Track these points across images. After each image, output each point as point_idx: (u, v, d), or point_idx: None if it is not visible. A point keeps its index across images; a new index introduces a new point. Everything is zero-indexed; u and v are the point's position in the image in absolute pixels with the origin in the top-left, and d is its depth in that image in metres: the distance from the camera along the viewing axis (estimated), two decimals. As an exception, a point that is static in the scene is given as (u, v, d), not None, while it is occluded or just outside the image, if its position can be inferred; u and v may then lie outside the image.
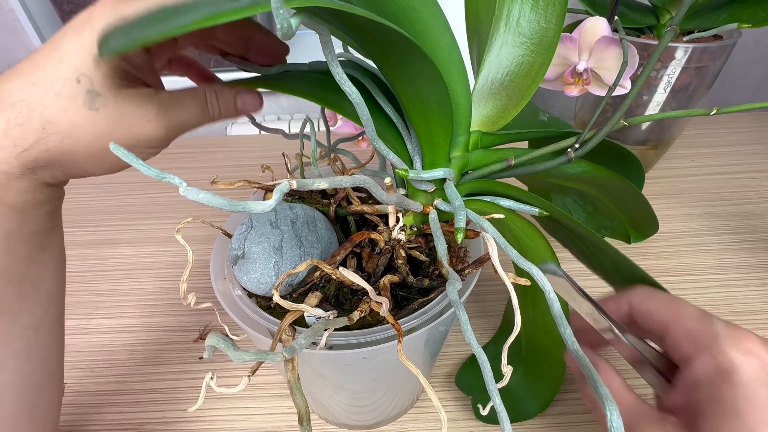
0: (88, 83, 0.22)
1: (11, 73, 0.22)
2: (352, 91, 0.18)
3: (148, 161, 0.15)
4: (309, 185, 0.16)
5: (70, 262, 0.40)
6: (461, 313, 0.18)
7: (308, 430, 0.17)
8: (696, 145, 0.68)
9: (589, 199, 0.31)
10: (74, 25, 0.22)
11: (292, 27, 0.13)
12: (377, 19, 0.15)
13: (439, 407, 0.17)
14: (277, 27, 0.12)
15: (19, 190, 0.23)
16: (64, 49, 0.21)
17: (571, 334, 0.17)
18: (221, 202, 0.13)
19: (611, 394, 0.20)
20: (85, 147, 0.23)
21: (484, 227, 0.21)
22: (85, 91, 0.22)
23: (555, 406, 0.35)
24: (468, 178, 0.26)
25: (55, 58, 0.21)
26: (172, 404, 0.37)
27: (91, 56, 0.21)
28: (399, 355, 0.19)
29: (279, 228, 0.26)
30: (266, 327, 0.24)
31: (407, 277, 0.25)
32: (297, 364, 0.19)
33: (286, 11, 0.12)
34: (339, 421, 0.34)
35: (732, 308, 0.43)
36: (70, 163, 0.23)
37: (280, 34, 0.13)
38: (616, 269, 0.24)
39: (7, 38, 0.76)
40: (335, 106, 0.24)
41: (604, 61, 0.25)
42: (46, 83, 0.21)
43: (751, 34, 0.78)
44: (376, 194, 0.20)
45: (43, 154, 0.22)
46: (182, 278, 0.23)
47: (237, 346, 0.16)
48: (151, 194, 0.63)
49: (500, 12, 0.22)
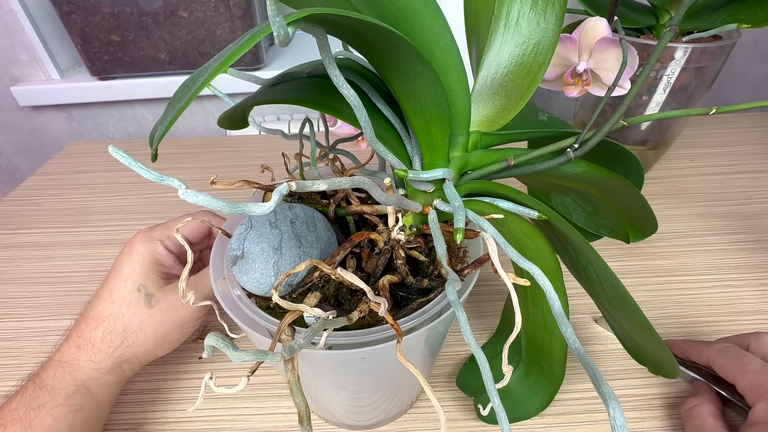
0: (144, 290, 0.32)
1: (96, 299, 0.32)
2: (350, 94, 0.18)
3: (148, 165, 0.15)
4: (309, 186, 0.16)
5: (70, 261, 0.41)
6: (460, 313, 0.18)
7: (308, 430, 0.17)
8: (696, 145, 0.68)
9: (589, 199, 0.31)
10: (125, 252, 0.33)
11: (289, 35, 0.13)
12: (372, 21, 0.15)
13: (437, 407, 0.17)
14: (275, 35, 0.13)
15: (107, 383, 0.31)
16: (125, 272, 0.32)
17: (572, 332, 0.17)
18: (220, 205, 0.13)
19: (703, 415, 0.31)
20: (152, 337, 0.32)
21: (484, 227, 0.21)
22: (144, 296, 0.32)
23: (555, 405, 0.35)
24: (467, 178, 0.26)
25: (121, 280, 0.32)
26: (171, 404, 0.37)
27: (143, 271, 0.32)
28: (398, 355, 0.19)
29: (278, 228, 0.26)
30: (265, 327, 0.24)
31: (407, 277, 0.25)
32: (297, 364, 0.19)
33: (282, 19, 0.12)
34: (338, 421, 0.34)
35: (731, 308, 0.43)
36: (144, 353, 0.32)
37: (278, 42, 0.13)
38: (600, 282, 0.24)
39: (7, 38, 0.76)
40: (334, 110, 0.24)
41: (604, 61, 0.25)
42: (120, 299, 0.32)
43: (750, 34, 0.78)
44: (375, 195, 0.20)
45: (126, 351, 0.31)
46: (182, 277, 0.23)
47: (236, 346, 0.16)
48: (151, 194, 0.63)
49: (499, 12, 0.22)
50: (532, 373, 0.30)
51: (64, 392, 0.29)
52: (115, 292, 0.32)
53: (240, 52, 0.13)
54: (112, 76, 0.77)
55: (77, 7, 0.67)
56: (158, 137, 0.15)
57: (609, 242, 0.35)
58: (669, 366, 0.25)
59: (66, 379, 0.30)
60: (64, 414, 0.28)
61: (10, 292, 0.48)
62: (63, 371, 0.30)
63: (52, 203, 0.62)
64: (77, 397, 0.29)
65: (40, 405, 0.28)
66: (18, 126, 0.87)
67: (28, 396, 0.29)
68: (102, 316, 0.32)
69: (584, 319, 0.42)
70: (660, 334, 0.24)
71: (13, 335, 0.43)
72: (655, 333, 0.23)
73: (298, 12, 0.13)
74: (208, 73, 0.14)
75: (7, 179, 0.95)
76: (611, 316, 0.27)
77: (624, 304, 0.23)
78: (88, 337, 0.31)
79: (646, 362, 0.28)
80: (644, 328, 0.23)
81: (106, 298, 0.32)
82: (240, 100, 0.27)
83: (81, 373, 0.30)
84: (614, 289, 0.23)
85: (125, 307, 0.31)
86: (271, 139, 0.75)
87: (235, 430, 0.35)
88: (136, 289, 0.32)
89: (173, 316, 0.32)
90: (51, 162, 0.72)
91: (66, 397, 0.29)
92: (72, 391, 0.29)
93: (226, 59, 0.13)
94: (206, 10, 0.69)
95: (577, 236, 0.22)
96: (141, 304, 0.31)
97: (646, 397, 0.36)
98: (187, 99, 0.14)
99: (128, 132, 0.88)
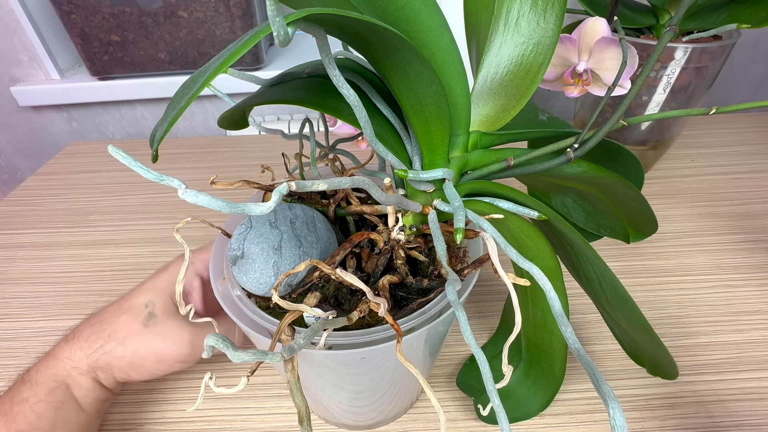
0: (151, 307, 0.31)
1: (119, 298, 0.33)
2: (350, 94, 0.18)
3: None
4: (308, 187, 0.16)
5: (70, 261, 0.40)
6: (460, 313, 0.18)
7: (308, 430, 0.17)
8: (696, 146, 0.68)
9: (589, 199, 0.31)
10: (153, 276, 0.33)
11: (288, 35, 0.13)
12: (372, 21, 0.15)
13: (437, 407, 0.17)
14: (274, 35, 0.13)
15: (84, 386, 0.30)
16: (150, 284, 0.33)
17: (572, 332, 0.17)
18: (220, 205, 0.13)
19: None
20: (129, 355, 0.30)
21: (484, 227, 0.21)
22: (147, 313, 0.31)
23: (555, 405, 0.35)
24: (467, 178, 0.26)
25: (144, 290, 0.32)
26: (171, 404, 0.37)
27: (162, 289, 0.32)
28: (398, 355, 0.19)
29: (278, 228, 0.26)
30: (265, 327, 0.24)
31: (406, 277, 0.25)
32: (297, 364, 0.19)
33: (282, 19, 0.12)
34: (339, 421, 0.34)
35: (731, 308, 0.43)
36: (118, 368, 0.30)
37: (278, 42, 0.13)
38: (599, 282, 0.24)
39: (7, 38, 0.76)
40: (334, 110, 0.24)
41: (604, 61, 0.25)
42: (127, 307, 0.31)
43: (750, 34, 0.78)
44: (375, 195, 0.20)
45: (102, 357, 0.30)
46: (178, 278, 0.23)
47: (236, 346, 0.16)
48: (151, 194, 0.63)
49: (499, 12, 0.22)
50: (532, 373, 0.30)
51: (46, 387, 0.28)
52: (130, 300, 0.32)
53: (240, 52, 0.13)
54: (112, 76, 0.77)
55: (77, 7, 0.67)
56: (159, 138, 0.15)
57: (609, 242, 0.35)
58: (668, 367, 0.25)
59: (47, 373, 0.29)
60: (46, 410, 0.28)
61: (10, 292, 0.48)
62: (46, 365, 0.30)
63: (52, 203, 0.62)
64: (58, 393, 0.29)
65: (23, 399, 0.28)
66: (18, 126, 0.87)
67: (14, 390, 0.29)
68: (104, 316, 0.32)
69: (584, 319, 0.42)
70: (659, 334, 0.24)
71: (13, 335, 0.43)
72: (654, 333, 0.23)
73: (297, 12, 0.13)
74: (207, 74, 0.14)
75: (7, 179, 0.95)
76: (610, 316, 0.27)
77: (623, 304, 0.23)
78: (79, 332, 0.31)
79: (644, 363, 0.28)
80: (643, 328, 0.23)
81: (121, 301, 0.32)
82: (240, 101, 0.27)
83: (61, 368, 0.29)
84: (614, 289, 0.23)
85: (125, 315, 0.31)
86: (271, 139, 0.75)
87: (235, 430, 0.35)
88: (144, 304, 0.31)
89: (156, 346, 0.30)
90: (51, 162, 0.72)
91: (47, 393, 0.28)
92: (53, 387, 0.29)
93: (225, 60, 0.13)
94: (206, 10, 0.69)
95: (577, 236, 0.22)
96: (138, 319, 0.31)
97: (646, 397, 0.36)
98: (187, 99, 0.14)
99: (128, 132, 0.88)
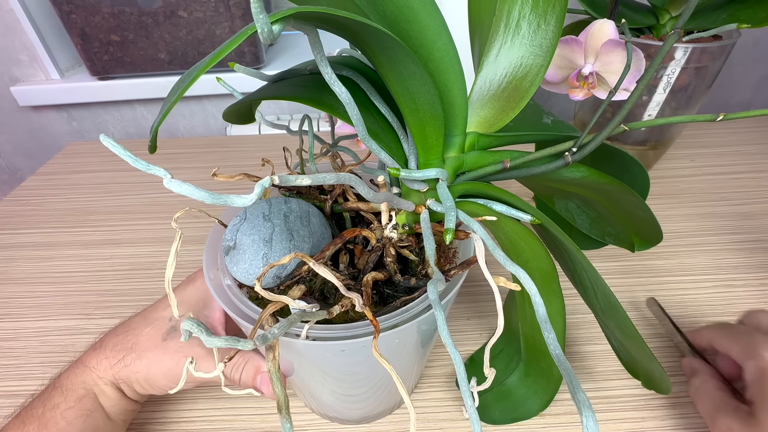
0: (174, 322, 0.30)
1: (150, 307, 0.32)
2: (342, 91, 0.18)
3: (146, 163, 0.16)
4: (292, 181, 0.16)
5: (70, 262, 0.40)
6: (438, 312, 0.18)
7: (287, 418, 0.17)
8: (696, 145, 0.68)
9: (593, 205, 0.31)
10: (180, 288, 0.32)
11: (273, 32, 0.13)
12: (361, 20, 0.15)
13: (408, 405, 0.17)
14: (258, 32, 0.13)
15: (110, 396, 0.30)
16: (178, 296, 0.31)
17: (554, 338, 0.17)
18: (203, 195, 0.13)
19: (708, 389, 0.32)
20: (144, 369, 0.29)
21: (474, 228, 0.21)
22: (170, 326, 0.30)
23: (555, 405, 0.35)
24: (463, 179, 0.25)
25: (169, 307, 0.31)
26: (171, 404, 0.37)
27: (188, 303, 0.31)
28: (373, 350, 0.19)
29: (271, 221, 0.26)
30: (252, 317, 0.24)
31: (395, 275, 0.25)
32: (278, 354, 0.19)
33: (266, 17, 0.12)
34: (328, 414, 0.35)
35: (731, 308, 0.43)
36: (137, 381, 0.30)
37: (263, 39, 0.13)
38: (593, 290, 0.24)
39: (7, 38, 0.76)
40: (330, 107, 0.24)
41: (610, 64, 0.25)
42: (153, 318, 0.31)
43: (750, 34, 0.78)
44: (363, 192, 0.20)
45: (123, 370, 0.29)
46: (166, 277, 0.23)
47: (210, 332, 0.16)
48: (151, 194, 0.63)
49: (500, 13, 0.22)
50: (532, 373, 0.31)
51: (75, 394, 0.29)
52: (157, 311, 0.31)
53: (227, 49, 0.13)
54: (112, 76, 0.77)
55: (77, 7, 0.67)
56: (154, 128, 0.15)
57: (605, 251, 0.35)
58: (661, 381, 0.25)
59: (77, 380, 0.29)
60: (75, 417, 0.28)
61: (10, 292, 0.48)
62: (76, 373, 0.30)
63: (52, 203, 0.62)
64: (87, 402, 0.29)
65: (55, 405, 0.28)
66: (18, 126, 0.87)
67: (46, 394, 0.29)
68: (131, 325, 0.31)
69: (584, 319, 0.42)
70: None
71: (13, 335, 0.43)
72: (644, 345, 0.23)
73: (284, 10, 0.13)
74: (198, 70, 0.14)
75: (7, 179, 0.95)
76: (606, 326, 0.27)
77: (614, 313, 0.23)
78: (107, 340, 0.31)
79: (640, 376, 0.28)
80: (633, 339, 0.23)
81: (149, 310, 0.32)
82: (242, 97, 0.27)
83: (89, 376, 0.30)
84: (606, 297, 0.23)
85: (149, 327, 0.30)
86: (271, 138, 0.75)
87: (235, 430, 0.35)
88: (169, 316, 0.31)
89: (166, 362, 0.29)
90: (51, 162, 0.72)
91: (76, 400, 0.28)
92: (82, 395, 0.29)
93: (214, 56, 0.14)
94: (206, 10, 0.69)
95: (569, 242, 0.22)
96: (160, 333, 0.30)
97: (646, 397, 0.36)
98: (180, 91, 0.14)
99: (128, 132, 0.88)
